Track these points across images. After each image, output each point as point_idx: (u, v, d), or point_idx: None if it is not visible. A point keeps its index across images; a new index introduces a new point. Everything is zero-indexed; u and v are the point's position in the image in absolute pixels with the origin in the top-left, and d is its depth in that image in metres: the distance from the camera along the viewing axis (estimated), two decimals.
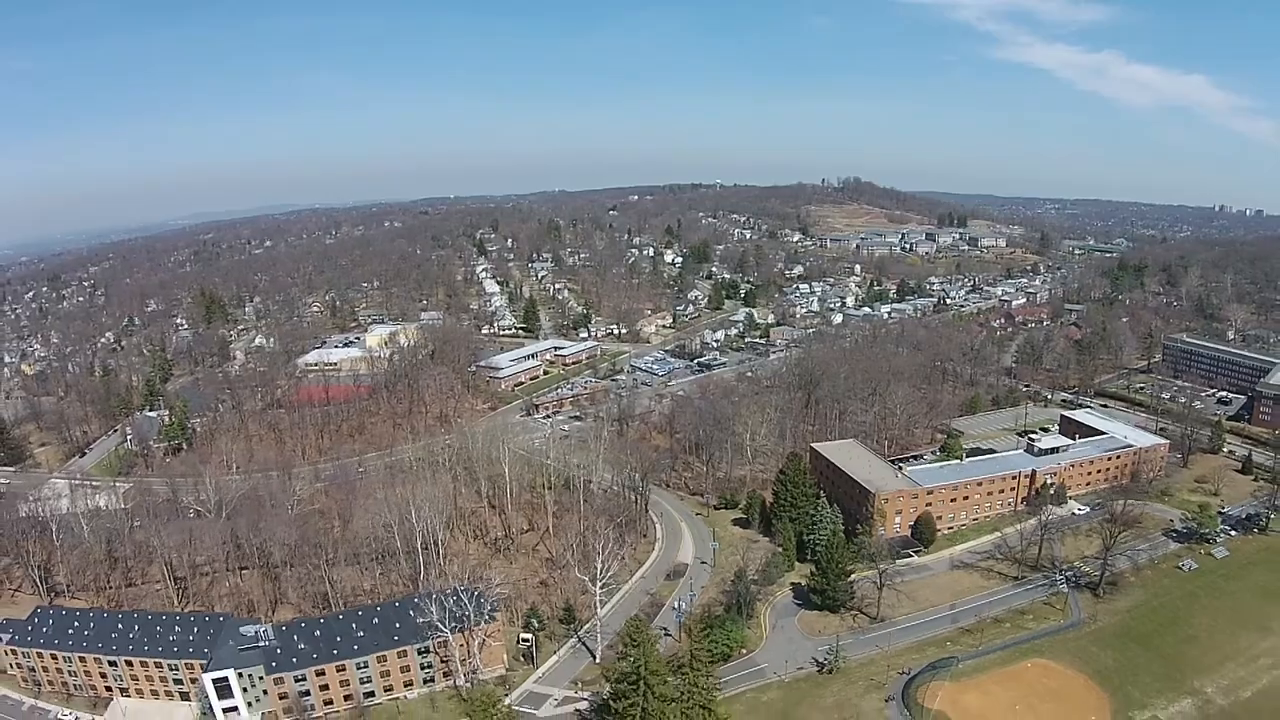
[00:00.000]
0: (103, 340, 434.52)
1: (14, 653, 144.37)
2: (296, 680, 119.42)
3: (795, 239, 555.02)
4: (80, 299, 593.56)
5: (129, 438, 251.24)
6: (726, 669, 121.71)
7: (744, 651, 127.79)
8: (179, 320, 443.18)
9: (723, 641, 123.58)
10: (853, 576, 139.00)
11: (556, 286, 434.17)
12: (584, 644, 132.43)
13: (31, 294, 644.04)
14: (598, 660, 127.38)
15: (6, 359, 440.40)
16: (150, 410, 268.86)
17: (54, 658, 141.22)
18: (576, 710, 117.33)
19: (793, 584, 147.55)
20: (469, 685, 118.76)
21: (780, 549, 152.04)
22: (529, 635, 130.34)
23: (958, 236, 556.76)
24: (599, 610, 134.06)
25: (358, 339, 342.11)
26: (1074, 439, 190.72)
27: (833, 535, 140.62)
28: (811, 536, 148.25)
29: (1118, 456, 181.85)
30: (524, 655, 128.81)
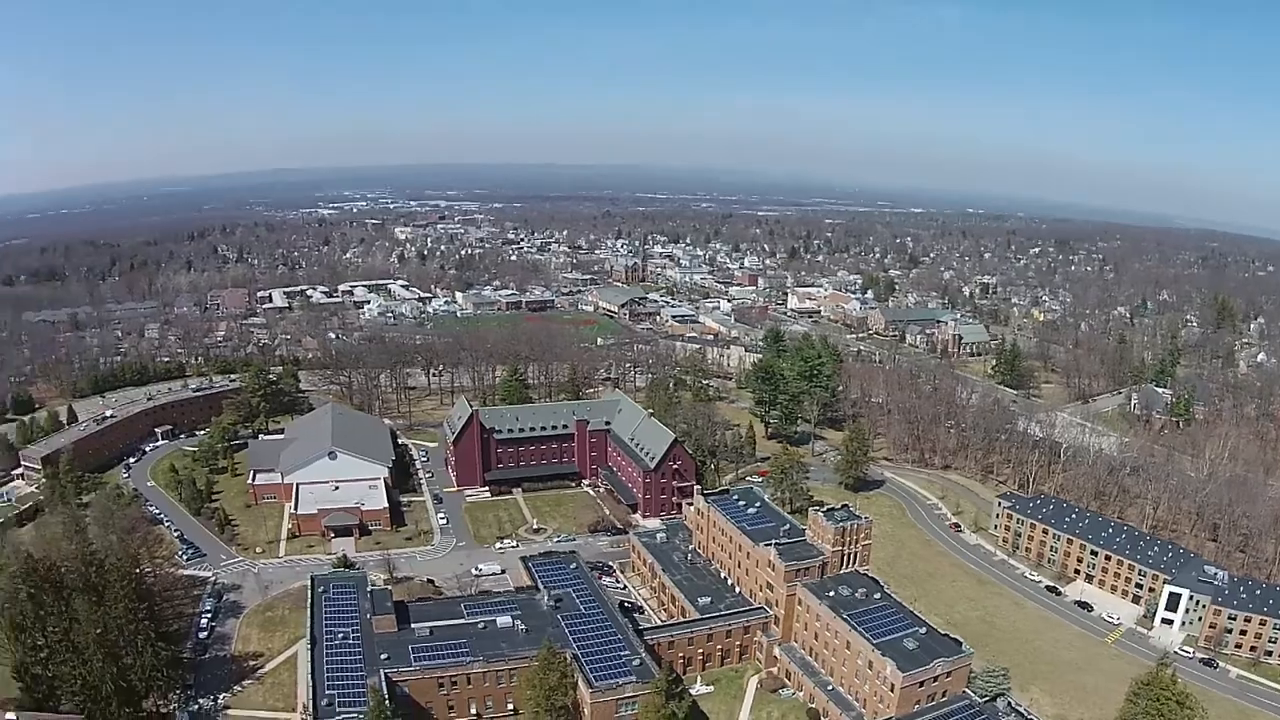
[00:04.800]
0: (1115, 312, 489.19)
1: (1009, 517, 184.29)
2: (1229, 619, 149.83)
3: None
4: (1089, 268, 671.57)
5: (1134, 402, 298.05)
6: None
7: None
8: (1189, 316, 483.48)
9: None
10: None
11: None
12: None
13: (1038, 249, 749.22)
14: None
15: (1014, 300, 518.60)
16: (1158, 386, 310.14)
17: (1045, 532, 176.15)
18: None
19: None
20: None
21: None
22: None
23: None
24: None
25: None
26: None
27: None
28: None
29: None
30: None
